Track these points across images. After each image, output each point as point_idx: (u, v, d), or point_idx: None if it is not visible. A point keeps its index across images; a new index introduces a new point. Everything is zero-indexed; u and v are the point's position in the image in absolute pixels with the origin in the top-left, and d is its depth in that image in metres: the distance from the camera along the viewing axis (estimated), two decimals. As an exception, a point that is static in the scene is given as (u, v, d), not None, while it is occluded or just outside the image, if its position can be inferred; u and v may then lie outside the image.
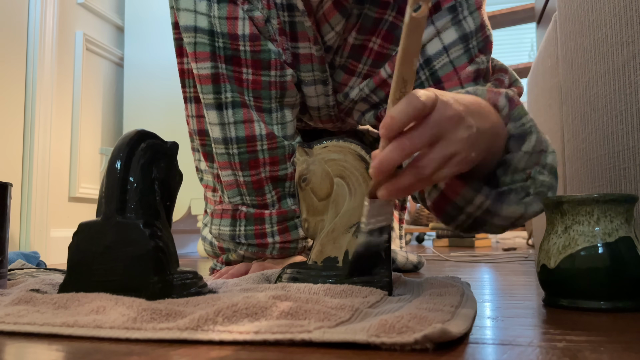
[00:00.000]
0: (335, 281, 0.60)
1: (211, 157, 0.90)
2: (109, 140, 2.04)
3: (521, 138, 0.64)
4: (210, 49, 0.82)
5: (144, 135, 0.62)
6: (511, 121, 0.64)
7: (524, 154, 0.64)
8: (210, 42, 0.81)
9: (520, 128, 0.64)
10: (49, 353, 0.38)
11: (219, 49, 0.81)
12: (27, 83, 1.66)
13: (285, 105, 0.86)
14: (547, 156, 0.65)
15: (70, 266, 0.57)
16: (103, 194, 0.59)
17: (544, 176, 0.65)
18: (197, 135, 0.89)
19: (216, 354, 0.36)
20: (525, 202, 0.64)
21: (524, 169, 0.64)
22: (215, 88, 0.82)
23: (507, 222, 0.66)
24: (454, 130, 0.51)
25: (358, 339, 0.36)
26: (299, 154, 0.68)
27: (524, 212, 0.64)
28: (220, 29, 0.81)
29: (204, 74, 0.82)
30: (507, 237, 3.13)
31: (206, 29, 0.81)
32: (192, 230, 2.37)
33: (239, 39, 0.81)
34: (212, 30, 0.81)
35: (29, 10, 1.68)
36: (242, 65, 0.82)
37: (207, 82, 0.82)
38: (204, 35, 0.81)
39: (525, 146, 0.64)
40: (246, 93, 0.83)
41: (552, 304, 0.57)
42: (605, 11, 0.83)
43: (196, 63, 0.82)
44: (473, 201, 0.64)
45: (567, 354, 0.35)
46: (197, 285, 0.61)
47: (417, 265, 1.05)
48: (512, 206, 0.64)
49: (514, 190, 0.64)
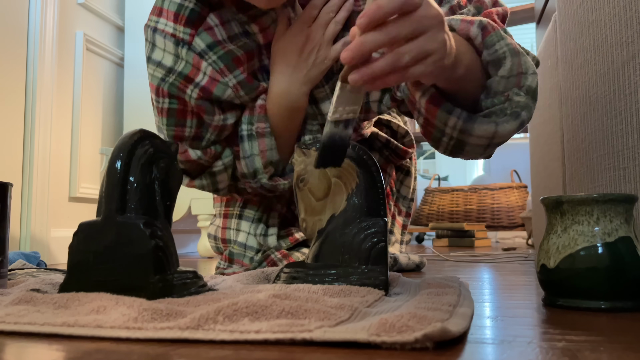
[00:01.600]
0: (333, 280, 0.60)
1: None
2: (109, 140, 2.05)
3: (497, 63, 0.66)
4: (157, 82, 0.87)
5: (144, 135, 0.62)
6: (485, 49, 0.66)
7: (500, 78, 0.66)
8: (163, 77, 0.87)
9: (494, 54, 0.66)
10: (50, 353, 0.38)
11: (165, 84, 0.87)
12: (28, 83, 1.66)
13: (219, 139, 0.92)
14: (526, 77, 0.67)
15: (71, 266, 0.57)
16: (103, 193, 0.59)
17: (520, 97, 0.66)
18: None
19: (216, 354, 0.36)
20: (497, 121, 0.66)
21: (503, 92, 0.67)
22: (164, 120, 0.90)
23: (483, 141, 0.68)
24: (435, 30, 0.52)
25: (359, 338, 0.36)
26: (297, 155, 0.68)
27: (495, 129, 0.66)
28: (181, 69, 0.86)
29: (158, 107, 0.89)
30: (507, 237, 3.13)
31: (167, 65, 0.87)
32: (192, 230, 2.37)
33: (192, 83, 0.86)
34: (172, 67, 0.86)
35: (29, 10, 1.68)
36: (186, 104, 0.88)
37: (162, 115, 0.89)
38: (162, 70, 0.87)
39: (501, 71, 0.66)
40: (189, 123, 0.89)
41: (551, 304, 0.57)
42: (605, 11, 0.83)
43: (151, 94, 0.90)
44: (448, 122, 0.67)
45: (566, 354, 0.35)
46: (197, 285, 0.61)
47: (420, 265, 1.06)
48: (484, 125, 0.66)
49: (494, 112, 0.67)
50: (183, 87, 0.86)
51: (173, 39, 0.86)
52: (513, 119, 0.66)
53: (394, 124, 1.14)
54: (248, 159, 0.90)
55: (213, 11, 0.87)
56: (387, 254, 0.61)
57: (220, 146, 0.93)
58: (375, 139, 1.11)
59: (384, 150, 1.12)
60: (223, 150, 0.93)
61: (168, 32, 0.86)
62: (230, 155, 0.94)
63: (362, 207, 0.63)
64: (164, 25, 0.87)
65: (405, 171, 1.20)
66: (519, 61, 0.67)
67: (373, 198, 0.64)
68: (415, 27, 0.50)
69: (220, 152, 0.93)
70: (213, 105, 0.88)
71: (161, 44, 0.87)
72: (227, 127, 0.91)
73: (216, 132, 0.91)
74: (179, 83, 0.86)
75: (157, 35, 0.87)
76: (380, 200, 0.64)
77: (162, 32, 0.87)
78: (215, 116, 0.89)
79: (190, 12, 0.86)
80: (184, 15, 0.86)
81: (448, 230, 2.44)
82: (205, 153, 0.91)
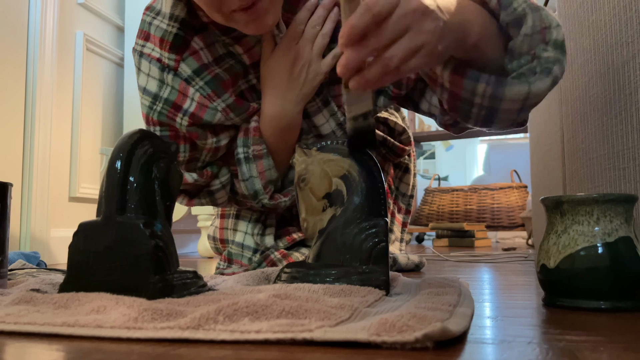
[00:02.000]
0: (333, 280, 0.60)
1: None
2: (109, 140, 2.05)
3: (517, 23, 0.64)
4: (146, 110, 0.87)
5: (144, 135, 0.62)
6: (502, 10, 0.64)
7: (523, 37, 0.63)
8: (150, 105, 0.87)
9: (513, 14, 0.64)
10: (50, 353, 0.38)
11: (154, 112, 0.87)
12: (28, 83, 1.66)
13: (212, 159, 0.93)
14: (551, 32, 0.64)
15: (71, 266, 0.57)
16: (103, 194, 0.59)
17: (548, 52, 0.63)
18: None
19: (216, 354, 0.36)
20: (529, 81, 0.63)
21: (528, 51, 0.64)
22: None
23: (517, 104, 0.64)
24: (420, 22, 0.52)
25: (359, 338, 0.36)
26: (298, 155, 0.68)
27: (528, 90, 0.63)
28: (166, 96, 0.86)
29: None
30: (507, 237, 3.13)
31: (152, 92, 0.86)
32: (192, 230, 2.37)
33: (180, 111, 0.86)
34: (157, 94, 0.86)
35: (29, 10, 1.68)
36: (178, 129, 0.88)
37: None
38: (148, 98, 0.87)
39: (524, 29, 0.63)
40: (182, 148, 0.90)
41: (551, 304, 0.57)
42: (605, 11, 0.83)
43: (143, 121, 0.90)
44: (476, 91, 0.64)
45: (566, 354, 0.35)
46: (197, 284, 0.61)
47: (419, 265, 1.06)
48: (515, 87, 0.63)
49: (522, 73, 0.64)
50: (172, 115, 0.86)
51: (159, 64, 0.86)
52: (545, 75, 0.62)
53: (391, 122, 1.14)
54: (247, 182, 0.90)
55: (197, 34, 0.86)
56: (388, 254, 0.61)
57: (216, 166, 0.93)
58: None
59: (380, 149, 1.11)
60: (219, 169, 0.94)
61: (154, 57, 0.86)
62: (227, 174, 0.94)
63: (363, 207, 0.63)
64: (151, 50, 0.87)
65: (404, 168, 1.20)
66: (541, 16, 0.64)
67: (374, 198, 0.64)
68: (395, 30, 0.51)
69: (217, 172, 0.93)
70: (205, 130, 0.88)
71: (146, 68, 0.87)
72: (221, 148, 0.91)
73: (210, 154, 0.91)
74: (167, 111, 0.86)
75: (143, 60, 0.87)
76: (381, 200, 0.64)
77: (148, 56, 0.87)
78: (208, 139, 0.89)
79: (174, 37, 0.84)
80: (168, 41, 0.85)
81: (448, 230, 2.44)
82: (202, 175, 0.91)
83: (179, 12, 0.84)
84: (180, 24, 0.84)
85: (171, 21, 0.84)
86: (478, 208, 2.90)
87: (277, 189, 0.94)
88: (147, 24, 0.87)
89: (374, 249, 0.61)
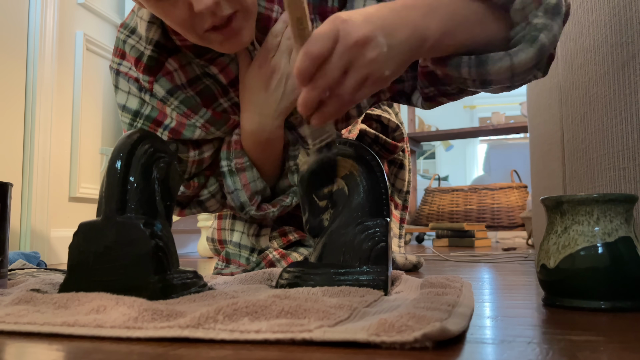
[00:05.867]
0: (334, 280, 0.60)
1: None
2: (109, 140, 2.05)
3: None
4: (127, 127, 0.88)
5: (144, 135, 0.62)
6: None
7: (515, 10, 0.62)
8: (130, 122, 0.87)
9: None
10: (50, 353, 0.38)
11: (132, 128, 0.87)
12: (28, 83, 1.66)
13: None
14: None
15: (71, 266, 0.57)
16: (103, 193, 0.59)
17: (538, 18, 0.62)
18: None
19: (216, 354, 0.36)
20: (510, 53, 0.62)
21: (524, 19, 0.63)
22: None
23: (505, 75, 0.64)
24: (361, 54, 0.53)
25: (358, 338, 0.36)
26: (301, 156, 0.68)
27: (510, 63, 0.62)
28: (148, 112, 0.86)
29: None
30: (507, 237, 3.13)
31: (132, 109, 0.87)
32: (192, 230, 2.37)
33: (161, 126, 0.86)
34: (138, 111, 0.86)
35: (29, 10, 1.68)
36: None
37: None
38: (128, 115, 0.87)
39: (516, 3, 0.62)
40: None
41: (551, 304, 0.57)
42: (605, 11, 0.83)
43: None
44: (462, 74, 0.65)
45: (566, 354, 0.35)
46: (197, 284, 0.61)
47: (417, 264, 1.06)
48: (497, 63, 0.62)
49: (515, 43, 0.63)
50: (153, 129, 0.86)
51: (137, 84, 0.86)
52: (529, 45, 0.61)
53: (384, 118, 1.14)
54: (233, 194, 0.90)
55: (171, 56, 0.85)
56: (388, 254, 0.61)
57: (203, 177, 0.93)
58: (364, 135, 1.11)
59: (373, 146, 1.12)
60: (207, 179, 0.94)
61: (132, 77, 0.86)
62: (216, 183, 0.94)
63: (364, 207, 0.63)
64: (128, 68, 0.87)
65: (398, 164, 1.20)
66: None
67: (375, 198, 0.64)
68: (338, 67, 0.52)
69: (204, 182, 0.93)
70: (186, 144, 0.88)
71: (125, 86, 0.87)
72: (205, 159, 0.91)
73: (195, 166, 0.91)
74: (147, 126, 0.86)
75: (120, 78, 0.87)
76: (383, 200, 0.64)
77: (125, 75, 0.87)
78: (190, 153, 0.89)
79: (148, 59, 0.84)
80: (142, 62, 0.84)
81: (448, 230, 2.44)
82: (188, 187, 0.91)
83: (153, 35, 0.83)
84: (154, 46, 0.84)
85: (146, 43, 0.84)
86: (478, 208, 2.90)
87: (266, 198, 0.93)
88: (122, 42, 0.87)
89: (373, 248, 0.61)
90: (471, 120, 6.72)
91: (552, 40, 0.62)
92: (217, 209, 0.97)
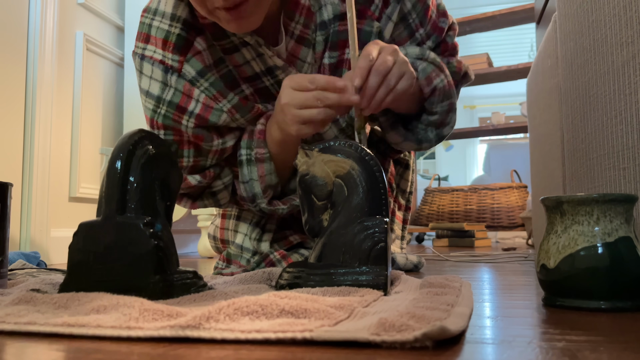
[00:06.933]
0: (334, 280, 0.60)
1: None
2: (109, 140, 2.05)
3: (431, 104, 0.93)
4: (150, 114, 0.86)
5: (145, 135, 0.62)
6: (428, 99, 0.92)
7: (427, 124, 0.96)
8: (153, 108, 0.86)
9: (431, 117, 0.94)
10: (50, 353, 0.38)
11: (158, 116, 0.86)
12: (28, 83, 1.66)
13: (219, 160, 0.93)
14: (444, 129, 0.97)
15: (71, 266, 0.57)
16: (103, 194, 0.59)
17: (431, 133, 0.96)
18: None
19: (216, 354, 0.36)
20: (406, 137, 0.97)
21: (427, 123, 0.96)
22: None
23: (410, 148, 1.01)
24: (399, 54, 0.77)
25: (359, 337, 0.37)
26: (300, 156, 0.68)
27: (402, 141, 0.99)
28: (170, 98, 0.85)
29: None
30: (507, 237, 3.13)
31: (155, 94, 0.85)
32: (192, 230, 2.37)
33: (185, 113, 0.85)
34: (160, 96, 0.85)
35: (29, 10, 1.68)
36: (182, 133, 0.87)
37: None
38: (151, 101, 0.86)
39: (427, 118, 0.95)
40: (186, 153, 0.89)
41: (551, 304, 0.57)
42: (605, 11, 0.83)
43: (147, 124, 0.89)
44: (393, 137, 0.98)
45: (566, 354, 0.35)
46: (197, 285, 0.61)
47: (417, 265, 1.06)
48: (399, 136, 0.98)
49: (412, 129, 0.97)
50: (178, 118, 0.85)
51: (162, 66, 0.84)
52: (415, 143, 0.97)
53: None
54: (247, 184, 0.90)
55: (199, 35, 0.85)
56: (388, 254, 0.61)
57: (219, 167, 0.93)
58: (371, 134, 1.11)
59: (380, 145, 1.12)
60: (222, 170, 0.93)
61: (156, 59, 0.84)
62: (230, 174, 0.94)
63: (364, 207, 0.63)
64: (152, 52, 0.85)
65: (404, 165, 1.20)
66: (446, 118, 0.94)
67: (374, 198, 0.64)
68: (390, 58, 0.76)
69: (219, 172, 0.93)
70: (210, 132, 0.87)
71: (148, 71, 0.85)
72: (227, 149, 0.90)
73: (216, 157, 0.90)
74: (172, 114, 0.85)
75: (145, 63, 0.85)
76: (382, 200, 0.64)
77: (150, 59, 0.85)
78: (214, 142, 0.88)
79: (177, 38, 0.83)
80: (171, 42, 0.84)
81: (448, 230, 2.44)
82: (205, 176, 0.91)
83: (181, 13, 0.83)
84: (182, 24, 0.84)
85: (173, 21, 0.83)
86: (478, 208, 2.90)
87: (276, 195, 0.93)
88: (147, 26, 0.86)
89: (372, 249, 0.61)
90: (471, 120, 6.72)
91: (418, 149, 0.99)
92: (227, 203, 0.96)
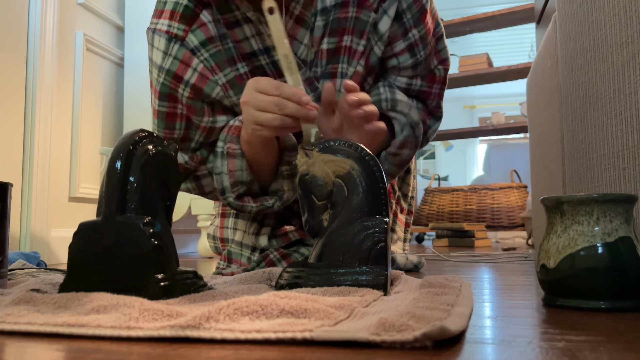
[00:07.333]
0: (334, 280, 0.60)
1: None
2: (109, 140, 2.05)
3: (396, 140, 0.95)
4: (154, 83, 0.89)
5: (145, 135, 0.62)
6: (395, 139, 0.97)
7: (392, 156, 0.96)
8: (156, 77, 0.89)
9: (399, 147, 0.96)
10: (50, 352, 0.38)
11: (158, 84, 0.89)
12: (28, 83, 1.66)
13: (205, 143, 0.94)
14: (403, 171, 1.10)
15: (71, 266, 0.57)
16: (103, 194, 0.59)
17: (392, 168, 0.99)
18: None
19: (216, 354, 0.36)
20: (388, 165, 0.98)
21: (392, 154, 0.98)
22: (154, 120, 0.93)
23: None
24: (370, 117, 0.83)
25: (359, 337, 0.37)
26: (300, 156, 0.68)
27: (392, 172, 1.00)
28: (168, 66, 0.88)
29: (154, 108, 0.93)
30: (507, 237, 3.13)
31: (157, 63, 0.89)
32: (192, 230, 2.37)
33: (182, 82, 0.88)
34: (161, 65, 0.88)
35: (29, 10, 1.68)
36: (177, 102, 0.89)
37: (155, 116, 0.93)
38: (155, 70, 0.89)
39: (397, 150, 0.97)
40: (178, 126, 0.91)
41: (551, 304, 0.57)
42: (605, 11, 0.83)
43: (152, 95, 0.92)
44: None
45: (566, 354, 0.36)
46: (197, 285, 0.61)
47: (418, 265, 1.06)
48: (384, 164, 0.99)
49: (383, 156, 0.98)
50: (174, 86, 0.88)
51: (167, 35, 0.88)
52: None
53: None
54: (218, 176, 0.91)
55: (205, 8, 0.89)
56: (388, 254, 0.61)
57: (206, 151, 0.94)
58: None
59: None
60: (208, 155, 0.94)
61: (163, 30, 0.88)
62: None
63: (363, 207, 0.63)
64: (162, 24, 0.89)
65: (406, 169, 1.20)
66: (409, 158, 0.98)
67: (374, 198, 0.64)
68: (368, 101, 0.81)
69: (205, 157, 0.94)
70: (203, 106, 0.89)
71: (156, 42, 0.89)
72: (216, 130, 0.91)
73: (204, 134, 0.91)
74: (169, 82, 0.88)
75: (155, 35, 0.89)
76: (382, 200, 0.64)
77: (159, 31, 0.89)
78: (204, 117, 0.90)
79: (184, 8, 0.87)
80: (179, 12, 0.88)
81: (448, 230, 2.44)
82: (192, 159, 0.92)
83: None
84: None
85: None
86: (478, 208, 2.90)
87: (253, 193, 0.92)
88: (162, 3, 0.90)
89: (372, 249, 0.61)
90: (471, 120, 6.72)
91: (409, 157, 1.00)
92: (211, 191, 0.97)
